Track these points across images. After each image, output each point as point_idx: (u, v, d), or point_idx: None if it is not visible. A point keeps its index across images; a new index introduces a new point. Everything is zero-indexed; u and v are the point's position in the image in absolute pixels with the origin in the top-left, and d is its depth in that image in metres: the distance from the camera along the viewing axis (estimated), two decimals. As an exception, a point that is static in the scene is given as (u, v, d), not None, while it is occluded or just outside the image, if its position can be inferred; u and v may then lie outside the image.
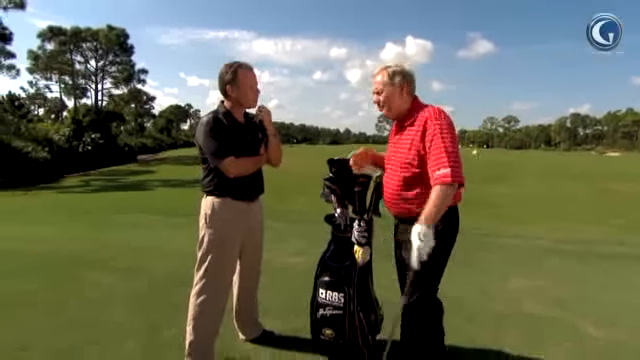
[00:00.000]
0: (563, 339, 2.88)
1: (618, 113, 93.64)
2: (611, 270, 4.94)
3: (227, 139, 2.30)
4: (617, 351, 2.74)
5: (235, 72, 2.31)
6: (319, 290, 2.32)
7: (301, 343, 2.65)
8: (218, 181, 2.34)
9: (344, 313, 2.25)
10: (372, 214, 2.38)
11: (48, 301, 3.40)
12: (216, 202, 2.34)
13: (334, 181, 2.46)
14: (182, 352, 2.40)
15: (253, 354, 2.58)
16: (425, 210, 1.87)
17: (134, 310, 3.22)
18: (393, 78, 2.10)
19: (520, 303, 3.57)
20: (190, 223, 7.88)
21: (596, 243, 7.08)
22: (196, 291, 2.36)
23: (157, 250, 5.27)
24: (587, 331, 3.03)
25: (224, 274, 2.39)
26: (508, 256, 5.54)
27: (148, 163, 35.56)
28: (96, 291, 3.67)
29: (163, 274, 4.14)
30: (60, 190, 17.72)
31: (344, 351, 2.32)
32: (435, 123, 1.96)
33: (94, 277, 4.04)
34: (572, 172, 26.43)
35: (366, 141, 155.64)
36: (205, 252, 2.34)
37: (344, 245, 2.36)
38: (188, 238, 6.11)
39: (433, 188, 1.91)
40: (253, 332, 2.72)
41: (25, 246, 5.24)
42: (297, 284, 3.27)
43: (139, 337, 2.76)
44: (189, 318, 2.38)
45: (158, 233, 6.80)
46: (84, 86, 45.89)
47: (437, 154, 1.91)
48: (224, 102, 2.41)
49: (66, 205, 12.39)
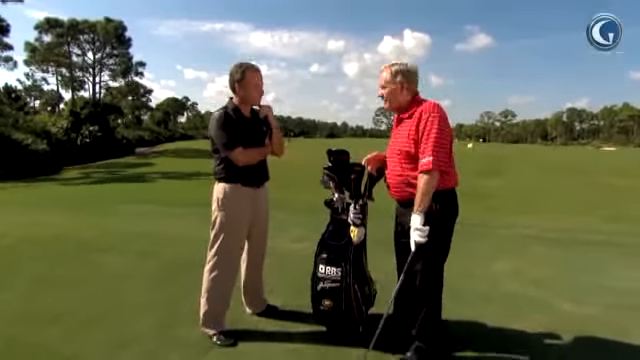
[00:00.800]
0: (537, 314, 3.19)
1: (614, 108, 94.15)
2: (588, 255, 5.29)
3: (236, 132, 2.58)
4: (585, 324, 3.05)
5: (244, 72, 2.61)
6: (319, 266, 2.63)
7: (302, 316, 2.94)
8: (228, 169, 2.62)
9: (341, 286, 2.56)
10: (366, 199, 2.68)
11: (68, 280, 3.70)
12: (227, 188, 2.62)
13: (332, 170, 2.75)
14: (198, 323, 2.71)
15: (259, 325, 2.89)
16: (416, 199, 2.18)
17: (150, 288, 3.53)
18: (395, 77, 2.38)
19: (501, 284, 3.90)
20: (191, 213, 8.21)
21: (579, 232, 7.42)
22: (209, 267, 2.66)
23: (163, 237, 5.55)
24: (560, 307, 3.35)
25: (234, 252, 2.69)
26: (495, 244, 5.87)
27: (146, 156, 35.69)
28: (110, 271, 3.96)
29: (171, 258, 4.42)
30: (61, 182, 17.92)
31: (340, 320, 2.63)
32: (429, 116, 2.25)
33: (106, 260, 4.32)
34: (566, 166, 26.81)
35: (363, 134, 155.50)
36: (217, 232, 2.63)
37: (341, 226, 2.66)
38: (191, 226, 6.46)
39: (418, 176, 2.21)
40: (259, 306, 3.02)
41: (37, 232, 5.51)
42: (298, 267, 3.54)
43: (157, 310, 3.06)
44: (203, 291, 2.68)
45: (162, 222, 7.08)
46: (82, 79, 45.84)
47: (425, 143, 2.21)
48: (233, 99, 2.70)
49: (69, 196, 12.65)
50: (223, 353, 2.51)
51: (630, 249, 5.98)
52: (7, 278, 3.70)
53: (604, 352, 2.67)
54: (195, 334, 2.68)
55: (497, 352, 2.61)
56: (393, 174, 2.44)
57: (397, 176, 2.41)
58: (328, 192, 2.78)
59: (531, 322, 3.02)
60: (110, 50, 44.24)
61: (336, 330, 2.68)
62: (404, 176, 2.36)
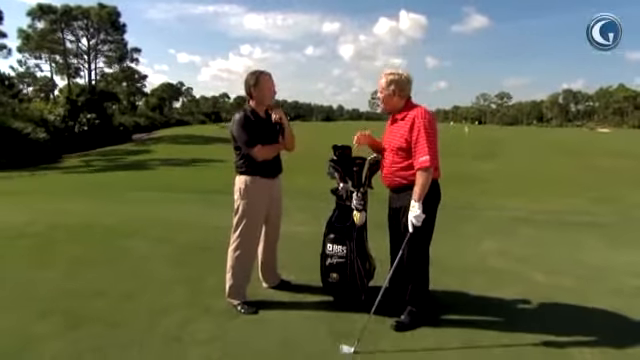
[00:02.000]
0: (516, 284, 3.68)
1: (610, 89, 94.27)
2: (570, 234, 5.79)
3: (254, 131, 3.00)
4: (558, 292, 3.53)
5: (257, 77, 3.04)
6: (327, 245, 3.08)
7: (311, 289, 3.40)
8: (249, 164, 3.05)
9: (346, 261, 3.02)
10: (366, 187, 3.12)
11: (101, 260, 4.14)
12: (248, 179, 3.06)
13: (337, 162, 3.19)
14: (223, 295, 3.17)
15: (275, 296, 3.35)
16: (415, 190, 2.63)
17: (175, 267, 3.98)
18: (389, 85, 2.82)
19: (486, 260, 4.38)
20: (195, 199, 8.69)
21: (566, 213, 7.93)
22: (233, 247, 3.11)
23: (175, 223, 5.96)
24: (536, 278, 3.85)
25: (254, 234, 3.15)
26: (485, 225, 6.36)
27: (144, 142, 35.93)
28: (137, 253, 4.40)
29: (186, 242, 4.85)
30: (64, 170, 18.31)
31: (345, 291, 3.10)
32: (421, 121, 2.69)
33: (131, 244, 4.75)
34: (560, 149, 27.32)
35: (359, 117, 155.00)
36: (240, 218, 3.08)
37: (345, 211, 3.11)
38: (198, 212, 6.93)
39: (417, 172, 2.66)
40: (274, 281, 3.48)
41: (62, 219, 5.92)
42: (304, 248, 4.00)
43: (186, 285, 3.52)
44: (228, 268, 3.13)
45: (170, 208, 7.51)
46: (77, 65, 45.53)
47: (421, 144, 2.65)
48: (249, 102, 3.11)
49: (78, 184, 13.04)
50: (248, 319, 2.97)
51: (611, 229, 6.48)
52: (45, 259, 4.14)
53: (567, 314, 3.15)
54: (221, 304, 3.14)
55: (477, 316, 3.08)
56: (387, 166, 2.89)
57: (390, 167, 2.86)
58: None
59: (508, 292, 3.50)
60: (105, 36, 43.96)
61: (342, 299, 3.15)
62: (396, 167, 2.82)
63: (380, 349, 2.58)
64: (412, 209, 2.64)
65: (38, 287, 3.47)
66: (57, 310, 3.05)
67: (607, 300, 3.34)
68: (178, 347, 2.59)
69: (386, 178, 2.93)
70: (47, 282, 3.58)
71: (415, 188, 2.65)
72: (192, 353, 2.53)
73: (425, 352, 2.58)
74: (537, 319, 3.05)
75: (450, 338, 2.72)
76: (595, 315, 3.14)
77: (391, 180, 2.88)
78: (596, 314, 3.15)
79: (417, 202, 2.63)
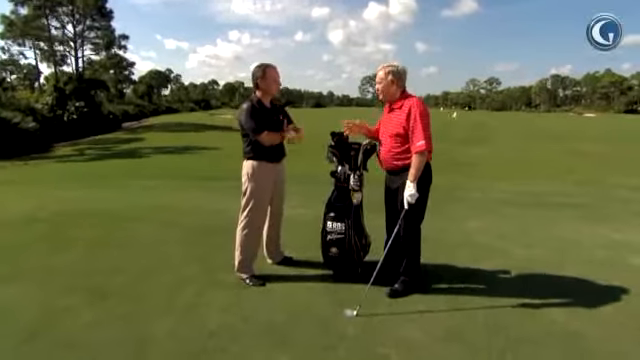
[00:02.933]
0: (496, 256, 4.06)
1: (597, 74, 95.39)
2: (549, 213, 6.21)
3: (261, 119, 3.28)
4: (532, 263, 3.91)
5: (264, 70, 3.32)
6: (327, 222, 3.40)
7: (311, 264, 3.73)
8: (256, 149, 3.34)
9: (345, 237, 3.35)
10: (362, 170, 3.43)
11: (115, 243, 4.42)
12: (255, 164, 3.35)
13: (335, 147, 3.50)
14: (232, 270, 3.48)
15: (279, 271, 3.68)
16: (410, 172, 2.96)
17: (185, 247, 4.28)
18: (387, 76, 3.12)
19: (471, 236, 4.75)
20: (193, 186, 8.97)
21: (548, 195, 8.38)
22: (242, 226, 3.42)
23: (179, 209, 6.25)
24: (516, 252, 4.23)
25: (260, 213, 3.46)
26: (471, 206, 6.75)
27: (135, 131, 35.74)
28: (148, 236, 4.69)
29: (195, 225, 5.14)
30: (57, 160, 18.30)
31: (344, 264, 3.43)
32: (416, 109, 3.00)
33: (138, 227, 5.03)
34: (547, 134, 27.94)
35: (349, 103, 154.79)
36: (248, 199, 3.38)
37: (343, 191, 3.42)
38: (198, 198, 7.22)
39: (413, 155, 2.98)
40: (278, 257, 3.81)
41: (68, 206, 6.16)
42: (302, 229, 4.32)
43: (197, 262, 3.82)
44: (237, 245, 3.44)
45: (171, 195, 7.78)
46: (63, 53, 44.68)
47: (417, 131, 2.97)
48: (256, 92, 3.38)
49: (74, 172, 13.16)
50: (257, 291, 3.30)
51: (587, 208, 6.93)
52: (62, 242, 4.41)
53: (542, 281, 3.53)
54: (232, 278, 3.46)
55: (462, 284, 3.45)
56: (385, 150, 3.21)
57: (388, 152, 3.18)
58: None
59: (490, 264, 3.87)
60: (91, 22, 43.07)
61: (340, 272, 3.49)
62: (393, 152, 3.13)
63: (378, 312, 2.93)
64: (407, 189, 2.96)
65: (59, 267, 3.74)
66: (81, 286, 3.34)
67: (578, 269, 3.74)
68: (198, 314, 2.91)
69: (384, 161, 3.24)
70: (68, 262, 3.86)
71: (411, 170, 2.97)
72: (212, 319, 2.84)
73: (416, 314, 2.93)
74: (515, 286, 3.42)
75: (439, 303, 3.08)
76: (567, 282, 3.52)
77: (389, 163, 3.20)
78: (568, 281, 3.54)
79: (412, 182, 2.95)
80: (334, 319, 2.84)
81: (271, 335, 2.66)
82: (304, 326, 2.76)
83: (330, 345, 2.54)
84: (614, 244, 4.59)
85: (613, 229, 5.24)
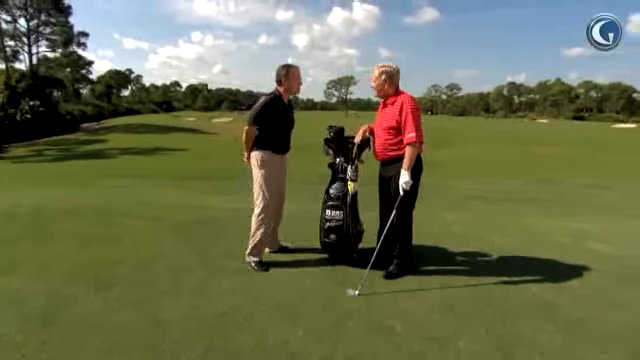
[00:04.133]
0: (476, 243, 4.42)
1: (548, 82, 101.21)
2: (515, 207, 6.73)
3: (275, 113, 3.50)
4: (509, 249, 4.29)
5: (288, 69, 3.55)
6: (326, 211, 3.62)
7: (307, 252, 3.93)
8: (266, 139, 3.54)
9: (343, 224, 3.57)
10: (358, 161, 3.67)
11: (108, 236, 4.42)
12: (263, 153, 3.55)
13: (331, 141, 3.72)
14: (232, 259, 3.62)
15: (279, 258, 3.85)
16: (404, 161, 3.23)
17: (179, 238, 4.35)
18: (381, 75, 3.38)
19: (450, 227, 5.12)
20: (170, 185, 8.87)
21: (512, 192, 9.01)
22: (257, 211, 3.59)
23: (162, 205, 6.25)
24: (492, 239, 4.61)
25: (274, 197, 3.63)
26: (444, 201, 7.18)
27: (96, 132, 34.41)
28: (138, 230, 4.71)
29: (183, 220, 5.20)
30: (14, 160, 17.40)
31: (341, 249, 3.65)
32: (408, 105, 3.28)
33: (128, 222, 5.03)
34: (505, 138, 29.48)
35: (314, 107, 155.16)
36: (260, 185, 3.56)
37: (341, 182, 3.65)
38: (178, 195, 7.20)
39: (405, 147, 3.25)
40: (275, 246, 3.98)
41: (45, 203, 6.01)
42: (295, 222, 4.49)
43: (195, 252, 3.92)
44: (253, 230, 3.60)
45: (150, 192, 7.72)
46: (15, 48, 42.31)
47: (409, 124, 3.25)
48: (278, 88, 3.60)
49: (38, 172, 12.64)
50: (262, 276, 3.46)
51: (545, 203, 7.55)
52: (50, 236, 4.35)
53: (517, 263, 3.91)
54: (233, 266, 3.59)
55: (448, 266, 3.76)
56: (379, 142, 3.47)
57: (382, 144, 3.44)
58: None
59: (471, 248, 4.22)
60: (47, 17, 41.12)
61: (337, 257, 3.70)
62: (387, 144, 3.40)
63: (377, 291, 3.16)
64: (402, 176, 3.23)
65: (55, 258, 3.73)
66: (83, 276, 3.36)
67: (547, 253, 4.16)
68: (207, 297, 3.04)
69: (379, 153, 3.50)
70: (63, 254, 3.84)
71: (404, 159, 3.25)
72: (221, 301, 2.97)
73: (412, 292, 3.19)
74: (496, 267, 3.77)
75: (431, 282, 3.36)
76: (539, 263, 3.92)
77: (384, 154, 3.46)
78: (540, 262, 3.94)
79: (406, 171, 3.22)
80: (339, 298, 3.05)
81: (282, 313, 2.83)
82: (312, 305, 2.95)
83: (339, 320, 2.74)
84: (575, 232, 5.09)
85: (573, 220, 5.79)
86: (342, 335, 2.58)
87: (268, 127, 3.54)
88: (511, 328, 2.69)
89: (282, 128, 3.63)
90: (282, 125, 3.61)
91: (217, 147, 28.46)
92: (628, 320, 2.83)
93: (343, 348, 2.43)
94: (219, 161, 19.45)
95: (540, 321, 2.79)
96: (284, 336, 2.54)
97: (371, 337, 2.56)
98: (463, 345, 2.49)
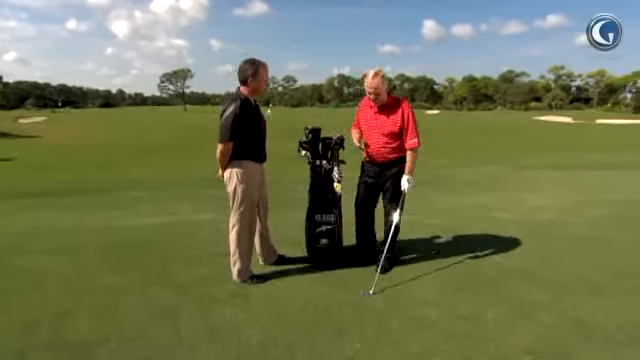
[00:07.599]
0: (419, 230, 4.89)
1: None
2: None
3: (249, 120, 3.15)
4: (444, 228, 4.88)
5: (257, 68, 3.17)
6: (315, 215, 3.52)
7: (301, 260, 3.75)
8: (244, 149, 3.19)
9: (334, 227, 3.53)
10: (341, 162, 3.64)
11: (13, 287, 3.35)
12: (242, 163, 3.20)
13: (307, 143, 3.61)
14: (214, 284, 3.28)
15: (273, 268, 3.63)
16: (407, 166, 3.41)
17: (119, 273, 3.60)
18: (382, 80, 3.39)
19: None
20: (44, 204, 7.06)
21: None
22: (237, 229, 3.24)
23: (60, 229, 5.01)
24: (425, 222, 5.16)
25: (251, 210, 3.30)
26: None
27: None
28: (52, 270, 3.66)
29: (103, 245, 4.29)
30: None
31: (333, 253, 3.60)
32: (409, 111, 3.42)
33: (28, 262, 3.85)
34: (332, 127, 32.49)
35: (144, 102, 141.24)
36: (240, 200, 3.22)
37: (325, 184, 3.58)
38: (71, 217, 5.86)
39: (408, 151, 3.42)
40: (272, 257, 3.71)
41: None
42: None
43: (159, 284, 3.34)
44: (232, 250, 3.27)
45: (23, 217, 6.05)
46: None
47: (411, 130, 3.41)
48: (241, 89, 3.21)
49: None
50: (263, 287, 3.26)
51: (430, 185, 8.71)
52: None
53: (463, 240, 4.51)
54: (221, 290, 3.19)
55: (412, 254, 4.10)
56: (378, 146, 3.52)
57: (381, 148, 3.51)
58: None
59: (419, 234, 4.66)
60: None
61: (329, 261, 3.62)
62: (388, 147, 3.50)
63: (385, 287, 3.25)
64: (408, 181, 3.42)
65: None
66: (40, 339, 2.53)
67: (477, 228, 4.92)
68: (223, 332, 2.65)
69: (378, 156, 3.54)
70: None
71: (407, 164, 3.44)
72: (243, 329, 2.67)
73: (413, 281, 3.40)
74: (451, 247, 4.28)
75: (418, 270, 3.64)
76: (479, 237, 4.60)
77: (383, 157, 3.53)
78: (480, 236, 4.62)
79: (410, 175, 3.44)
80: (360, 301, 3.05)
81: (323, 331, 2.66)
82: (341, 313, 2.88)
83: (381, 322, 2.75)
84: (477, 206, 6.13)
85: (462, 196, 6.89)
86: (398, 336, 2.60)
87: (243, 136, 3.16)
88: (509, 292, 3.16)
89: (257, 134, 3.30)
90: (257, 130, 3.27)
91: (49, 154, 23.98)
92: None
93: (412, 348, 2.46)
94: (69, 171, 16.59)
95: (524, 284, 3.31)
96: (345, 353, 2.42)
97: (420, 331, 2.64)
98: (491, 315, 2.81)
